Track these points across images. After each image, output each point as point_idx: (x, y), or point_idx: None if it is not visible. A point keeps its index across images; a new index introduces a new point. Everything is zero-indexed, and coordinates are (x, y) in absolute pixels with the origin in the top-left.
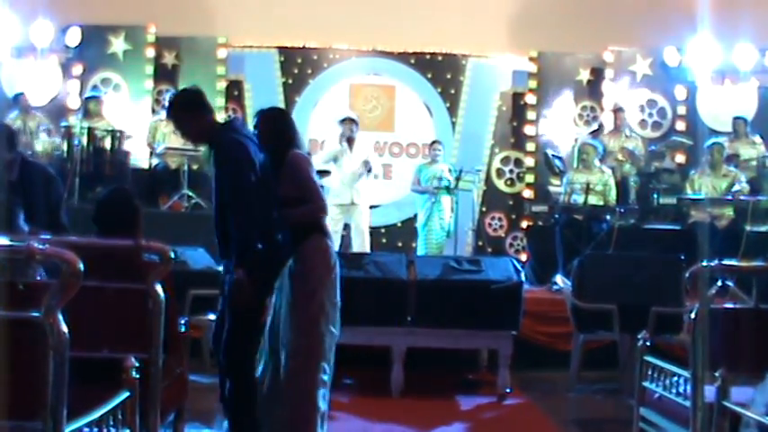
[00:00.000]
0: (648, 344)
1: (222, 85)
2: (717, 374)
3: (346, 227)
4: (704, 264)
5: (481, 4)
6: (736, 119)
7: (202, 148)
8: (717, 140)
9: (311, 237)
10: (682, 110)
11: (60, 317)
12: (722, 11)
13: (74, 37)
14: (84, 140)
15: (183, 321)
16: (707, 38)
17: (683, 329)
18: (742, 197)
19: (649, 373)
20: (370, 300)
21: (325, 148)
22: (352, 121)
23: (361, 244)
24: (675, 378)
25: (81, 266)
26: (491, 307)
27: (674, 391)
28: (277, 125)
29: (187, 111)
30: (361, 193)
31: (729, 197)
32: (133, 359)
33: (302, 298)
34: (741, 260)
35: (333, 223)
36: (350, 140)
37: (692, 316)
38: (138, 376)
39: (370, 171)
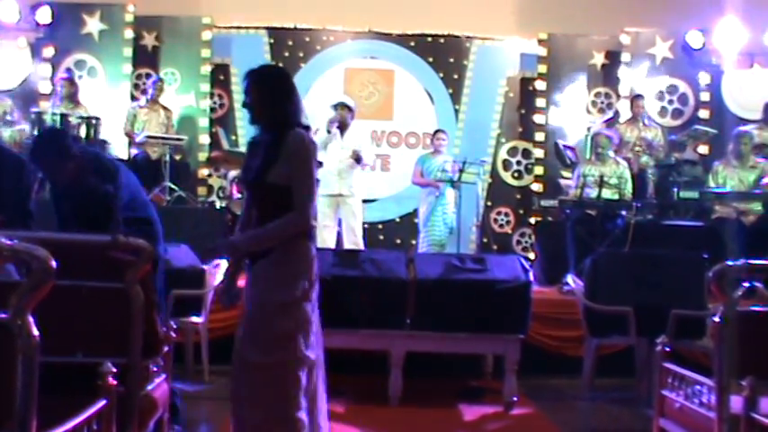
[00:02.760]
0: (668, 349)
1: (207, 69)
2: (743, 383)
3: (340, 222)
4: (729, 263)
5: None
6: None
7: (185, 137)
8: (744, 129)
9: (298, 239)
10: (705, 96)
11: (30, 318)
12: None
13: (44, 15)
14: None
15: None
16: (733, 17)
17: (706, 334)
18: None
19: (669, 380)
20: (367, 301)
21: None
22: (345, 107)
23: (353, 242)
24: (698, 387)
25: (54, 264)
26: (496, 309)
27: (696, 400)
28: (276, 91)
29: (55, 155)
30: (352, 186)
31: (758, 191)
32: (110, 364)
33: (277, 308)
34: None
35: (322, 217)
36: (341, 127)
37: (717, 319)
38: (115, 383)
39: (359, 161)
